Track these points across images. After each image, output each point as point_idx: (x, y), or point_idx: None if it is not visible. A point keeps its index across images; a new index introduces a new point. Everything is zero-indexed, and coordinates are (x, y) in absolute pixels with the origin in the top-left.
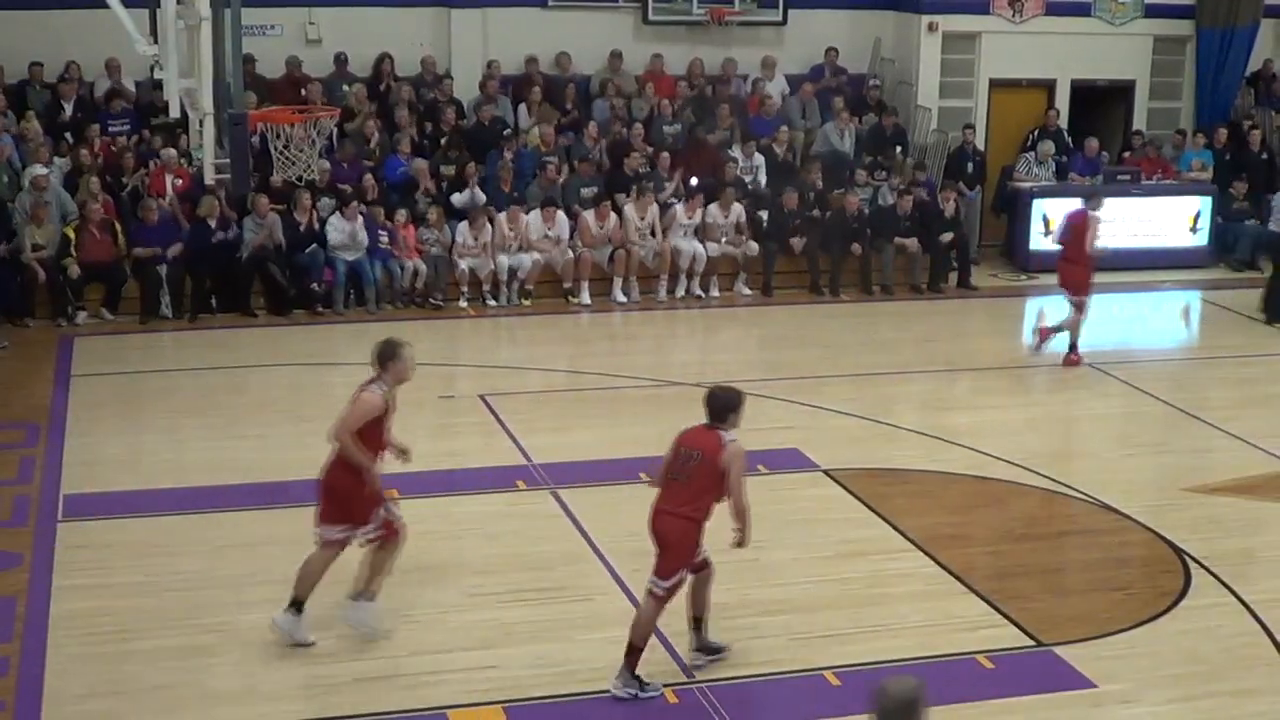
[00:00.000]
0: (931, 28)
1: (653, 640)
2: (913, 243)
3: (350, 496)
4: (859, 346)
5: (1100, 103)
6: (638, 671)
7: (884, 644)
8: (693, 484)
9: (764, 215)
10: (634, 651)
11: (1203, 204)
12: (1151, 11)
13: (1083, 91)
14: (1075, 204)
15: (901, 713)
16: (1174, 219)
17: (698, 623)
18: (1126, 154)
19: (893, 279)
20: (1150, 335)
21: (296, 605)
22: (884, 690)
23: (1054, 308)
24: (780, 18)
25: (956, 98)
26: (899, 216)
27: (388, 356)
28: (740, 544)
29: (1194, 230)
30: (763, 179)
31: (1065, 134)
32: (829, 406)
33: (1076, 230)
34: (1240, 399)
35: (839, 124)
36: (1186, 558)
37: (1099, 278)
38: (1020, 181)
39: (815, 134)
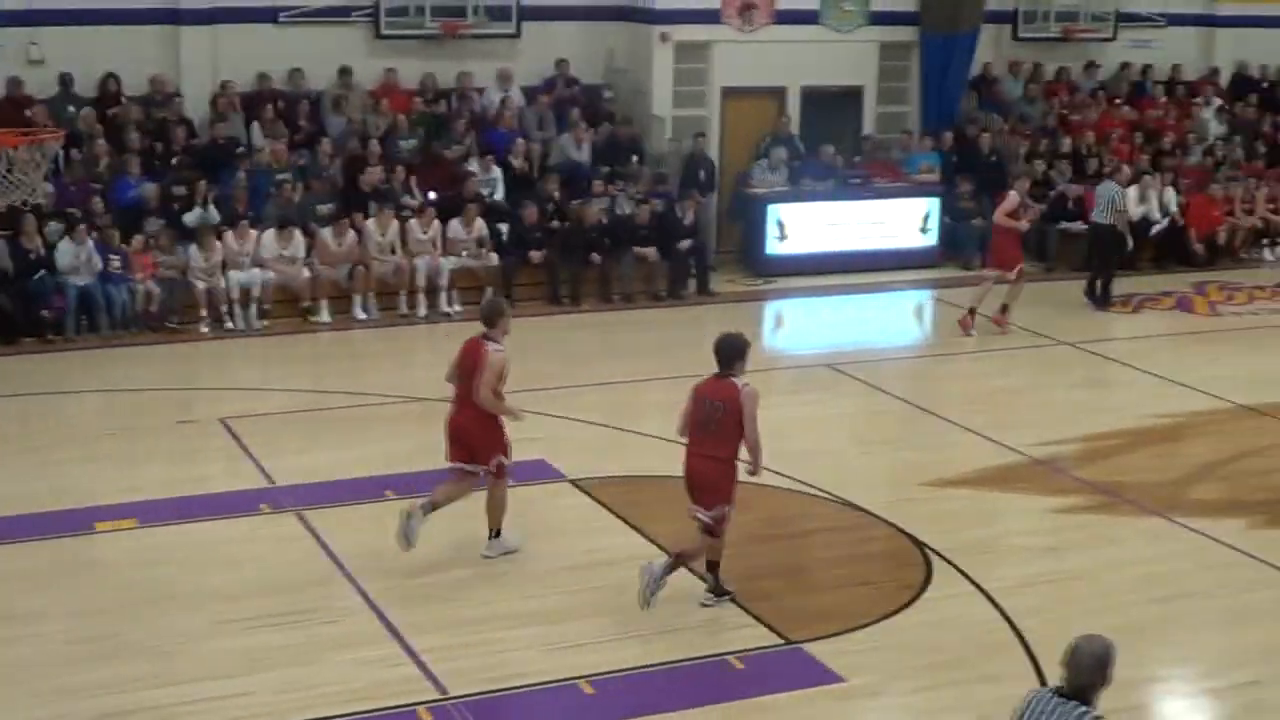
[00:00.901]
0: (663, 38)
1: (400, 658)
2: (652, 251)
3: (478, 442)
4: (601, 355)
5: (831, 108)
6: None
7: (636, 650)
8: (722, 430)
9: (503, 228)
10: (714, 567)
11: (931, 205)
12: (877, 19)
13: (813, 98)
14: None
15: (1097, 667)
16: (904, 220)
17: (714, 565)
18: (857, 158)
19: (633, 288)
20: (885, 335)
21: (497, 533)
22: (1078, 647)
23: (791, 311)
24: (514, 30)
25: (690, 107)
26: (638, 225)
27: (497, 314)
28: (753, 473)
29: (924, 231)
30: (501, 192)
31: (798, 140)
32: (574, 416)
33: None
34: (973, 394)
35: (575, 135)
36: (927, 550)
37: (837, 279)
38: (755, 188)
39: (552, 146)
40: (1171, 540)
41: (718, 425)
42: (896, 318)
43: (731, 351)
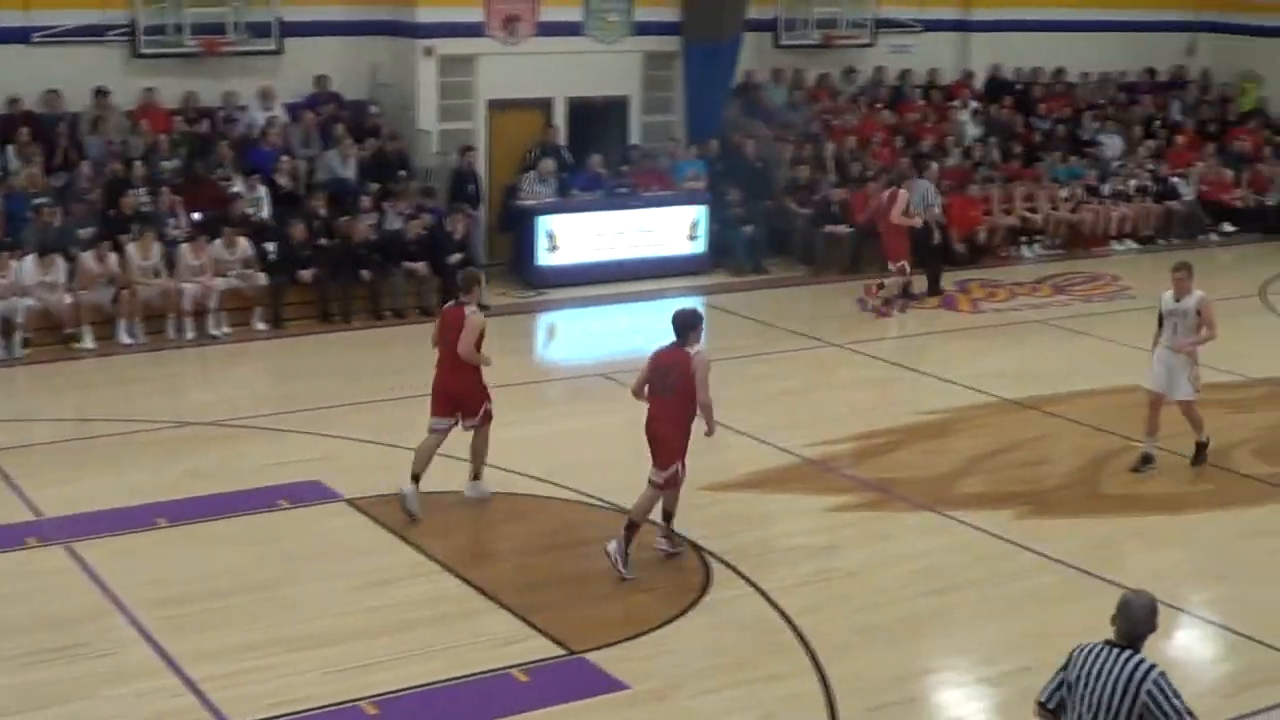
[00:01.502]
0: (428, 52)
1: (179, 688)
2: (422, 266)
3: (466, 395)
4: (375, 372)
5: (597, 119)
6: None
7: (417, 669)
8: (677, 394)
9: (271, 247)
10: (633, 527)
11: (700, 212)
12: (641, 30)
13: (580, 109)
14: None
15: (1149, 616)
16: (673, 228)
17: (668, 518)
18: (625, 168)
19: (404, 303)
20: (658, 342)
21: (477, 475)
22: (1129, 601)
23: (564, 322)
24: (275, 46)
25: (457, 120)
26: (407, 241)
27: (474, 282)
28: (709, 433)
29: (693, 238)
30: (267, 211)
31: (565, 151)
32: (349, 435)
33: (882, 206)
34: (747, 397)
35: (342, 151)
36: (706, 554)
37: (609, 289)
38: (524, 200)
39: (318, 162)
40: (943, 534)
41: (673, 389)
42: (669, 325)
43: (684, 324)
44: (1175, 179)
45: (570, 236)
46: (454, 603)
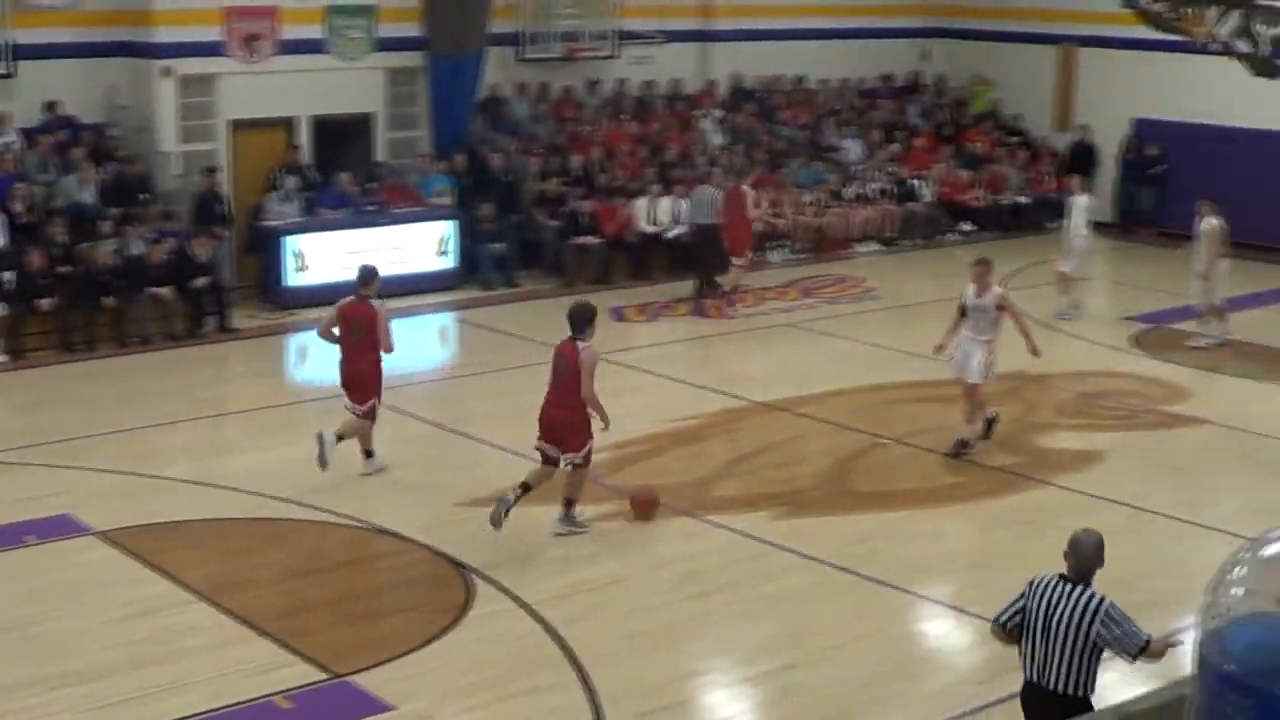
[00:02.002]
0: (166, 72)
1: None
2: (167, 291)
3: (370, 382)
4: (121, 401)
5: (343, 136)
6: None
7: (176, 701)
8: (568, 384)
9: (8, 276)
10: (570, 504)
11: (449, 228)
12: (384, 45)
13: (325, 126)
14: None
15: (1097, 552)
16: (422, 244)
17: (569, 505)
18: (373, 185)
19: (150, 329)
20: (411, 359)
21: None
22: (1080, 540)
23: (315, 342)
24: (7, 70)
25: (199, 141)
26: (151, 265)
27: (373, 276)
28: (604, 428)
29: (442, 253)
30: (3, 239)
31: (312, 169)
32: (97, 466)
33: (732, 203)
34: (501, 411)
35: (81, 176)
36: (466, 570)
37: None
38: (270, 220)
39: (57, 188)
40: (703, 538)
41: (565, 380)
42: (421, 341)
43: (577, 318)
44: (915, 181)
45: (319, 256)
46: (212, 632)
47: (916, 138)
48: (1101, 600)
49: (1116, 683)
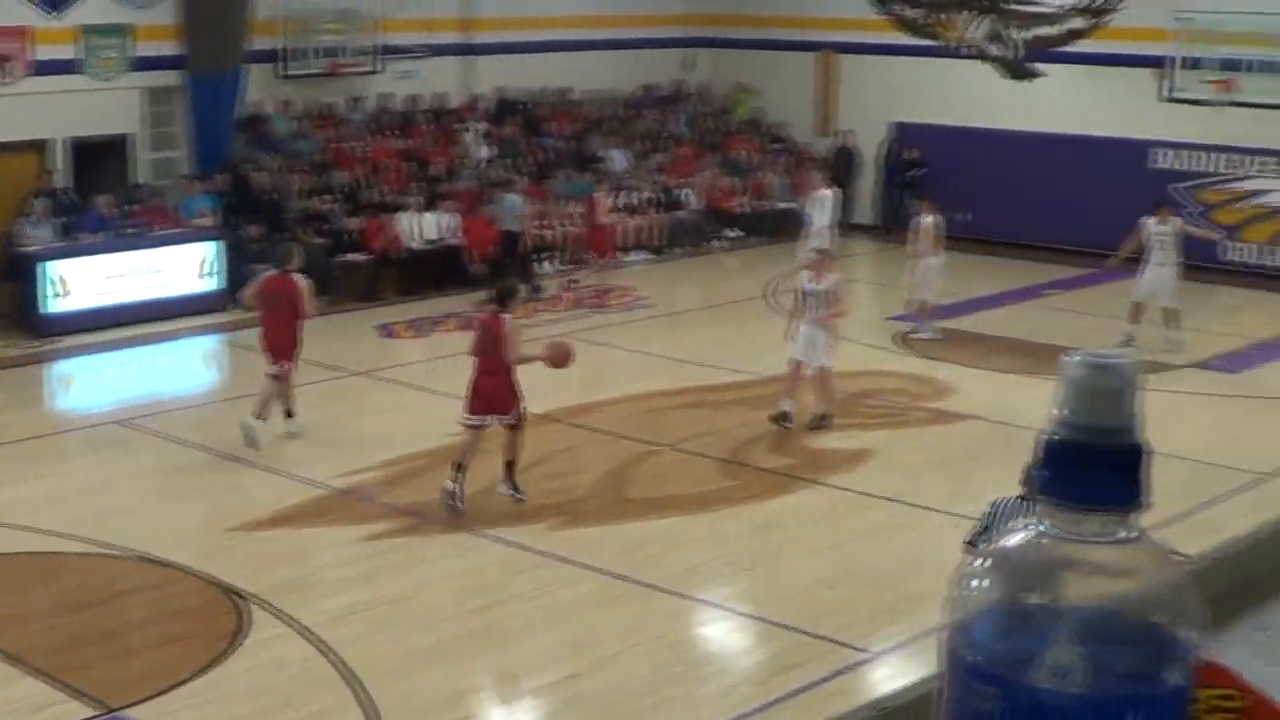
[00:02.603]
0: None
1: None
2: None
3: (285, 348)
4: None
5: (100, 158)
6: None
7: None
8: (495, 351)
9: None
10: (510, 465)
11: (212, 249)
12: (141, 65)
13: (82, 148)
14: None
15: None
16: (185, 266)
17: (510, 467)
18: (133, 207)
19: None
20: (177, 384)
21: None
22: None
23: (77, 370)
24: None
25: None
26: None
27: (289, 256)
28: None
29: (206, 275)
30: None
31: (69, 192)
32: None
33: (590, 208)
34: (270, 432)
35: None
36: (240, 596)
37: (123, 332)
38: (25, 246)
39: None
40: (481, 552)
41: (491, 348)
42: (187, 366)
43: (501, 292)
44: (681, 189)
45: (79, 281)
46: None
47: (681, 146)
48: None
49: (884, 680)
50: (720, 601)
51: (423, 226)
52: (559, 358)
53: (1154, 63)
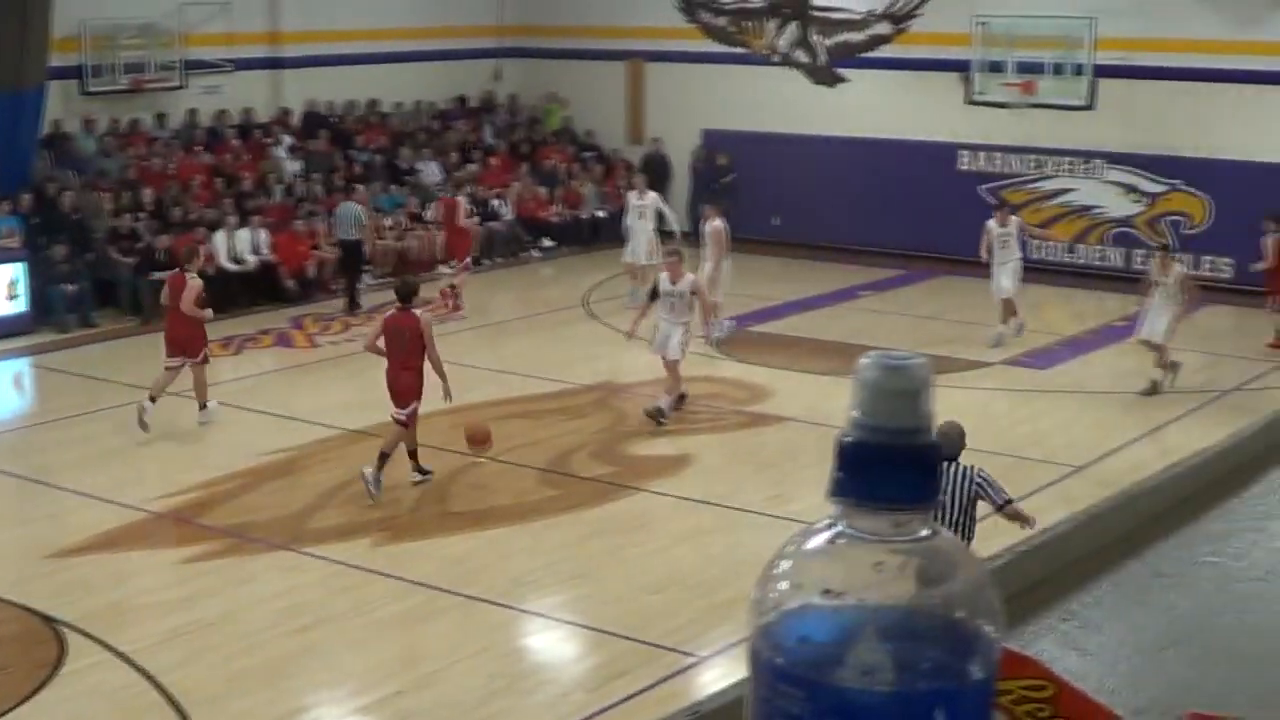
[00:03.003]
0: None
1: None
2: None
3: (191, 341)
4: None
5: None
6: (383, 472)
7: None
8: (411, 348)
9: None
10: (384, 457)
11: (17, 270)
12: None
13: None
14: None
15: (961, 438)
16: None
17: (384, 458)
18: None
19: None
20: None
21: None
22: (947, 430)
23: None
24: None
25: None
26: None
27: (193, 254)
28: (446, 396)
29: (12, 297)
30: None
31: None
32: None
33: (448, 211)
34: (86, 458)
35: None
36: (58, 624)
37: None
38: None
39: None
40: (303, 570)
41: (406, 346)
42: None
43: (407, 291)
44: (494, 200)
45: None
46: None
47: (492, 157)
48: (972, 467)
49: (712, 683)
50: (547, 611)
51: (235, 243)
52: (477, 436)
53: (958, 67)
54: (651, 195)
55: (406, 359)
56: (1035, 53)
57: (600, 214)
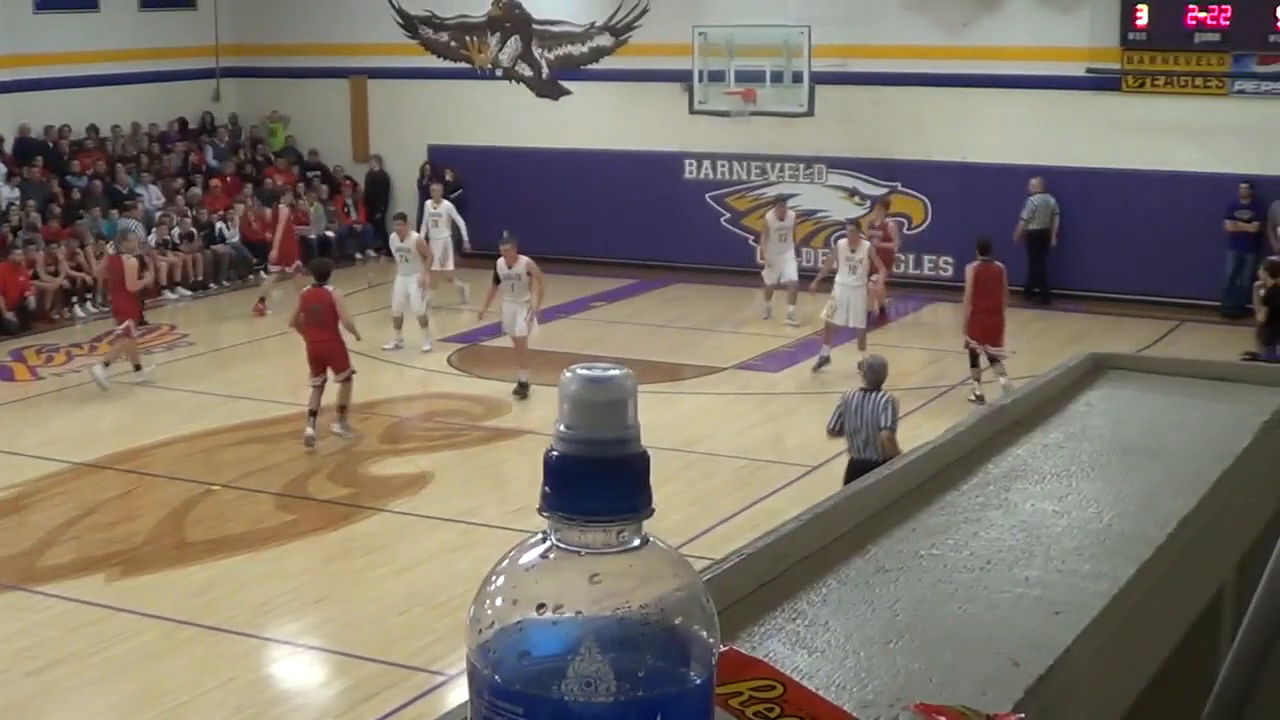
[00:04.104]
0: None
1: None
2: None
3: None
4: None
5: None
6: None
7: None
8: (327, 321)
9: None
10: (343, 409)
11: None
12: None
13: None
14: None
15: (885, 369)
16: None
17: (342, 410)
18: None
19: None
20: None
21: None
22: (873, 364)
23: None
24: None
25: None
26: None
27: (123, 236)
28: (357, 339)
29: None
30: None
31: None
32: None
33: (286, 224)
34: None
35: None
36: None
37: None
38: None
39: None
40: (34, 611)
41: (321, 318)
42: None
43: (322, 270)
44: (218, 223)
45: None
46: None
47: (215, 179)
48: (889, 395)
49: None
50: (291, 638)
51: None
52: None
53: (680, 77)
54: (445, 204)
55: (320, 330)
56: (754, 61)
57: (329, 233)
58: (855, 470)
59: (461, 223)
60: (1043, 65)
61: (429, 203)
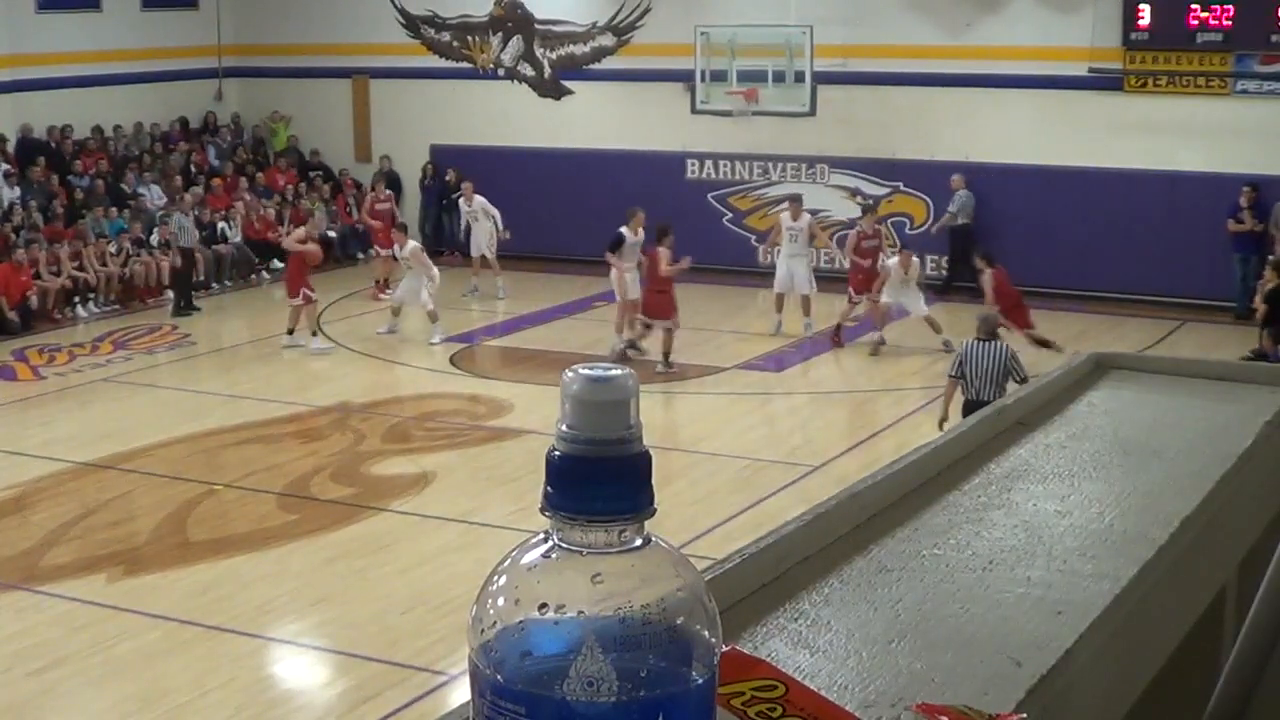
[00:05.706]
0: None
1: None
2: None
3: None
4: None
5: None
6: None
7: None
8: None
9: None
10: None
11: None
12: None
13: None
14: None
15: (996, 321)
16: None
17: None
18: None
19: None
20: None
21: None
22: (985, 317)
23: None
24: None
25: None
26: None
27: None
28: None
29: None
30: None
31: None
32: None
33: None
34: None
35: None
36: None
37: None
38: None
39: None
40: (37, 611)
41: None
42: None
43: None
44: (220, 223)
45: None
46: None
47: (217, 179)
48: (1007, 346)
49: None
50: (293, 638)
51: None
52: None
53: (682, 77)
54: (478, 199)
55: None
56: (756, 61)
57: (331, 233)
58: (971, 409)
59: (496, 214)
60: (1045, 65)
61: (461, 201)
